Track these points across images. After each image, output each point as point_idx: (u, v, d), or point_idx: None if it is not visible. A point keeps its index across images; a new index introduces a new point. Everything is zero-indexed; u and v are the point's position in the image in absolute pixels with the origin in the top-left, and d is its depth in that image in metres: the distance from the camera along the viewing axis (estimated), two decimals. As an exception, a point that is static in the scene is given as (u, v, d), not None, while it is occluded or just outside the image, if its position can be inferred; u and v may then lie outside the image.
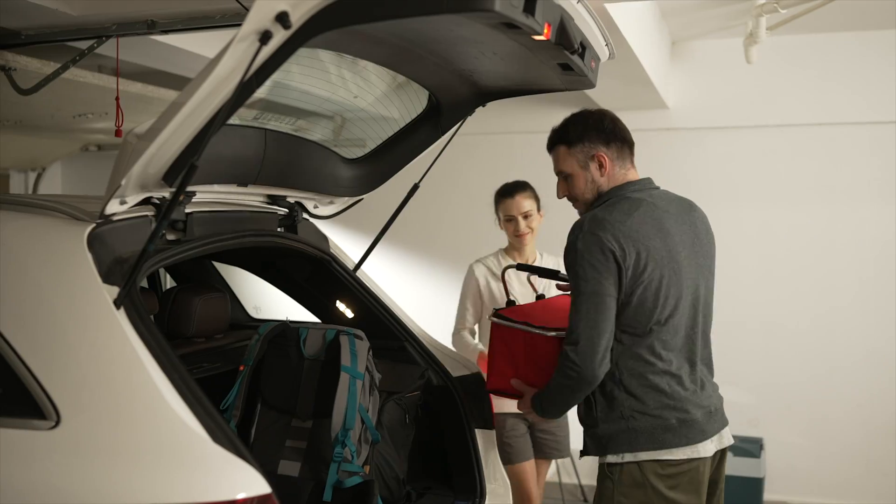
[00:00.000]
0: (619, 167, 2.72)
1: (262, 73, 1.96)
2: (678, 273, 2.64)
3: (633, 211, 2.60)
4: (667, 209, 2.74)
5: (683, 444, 2.54)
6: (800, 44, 5.42)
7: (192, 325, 3.22)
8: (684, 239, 2.73)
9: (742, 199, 5.68)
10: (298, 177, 2.93)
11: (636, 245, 2.52)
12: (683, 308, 2.66)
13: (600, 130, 2.71)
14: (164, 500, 1.83)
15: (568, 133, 2.73)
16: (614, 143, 2.72)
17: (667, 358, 2.60)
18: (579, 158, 2.71)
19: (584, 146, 2.70)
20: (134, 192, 2.20)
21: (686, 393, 2.62)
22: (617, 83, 4.74)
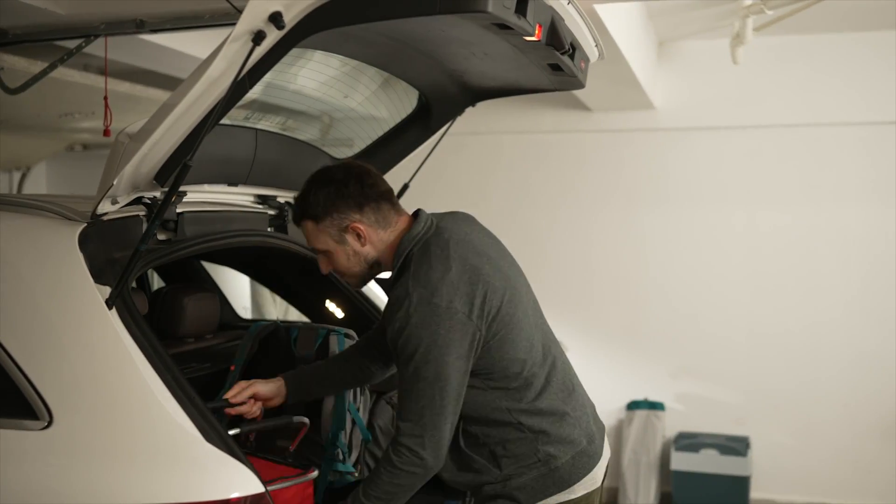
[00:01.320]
0: (381, 229, 2.31)
1: (254, 74, 1.97)
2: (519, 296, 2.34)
3: (449, 254, 2.23)
4: (469, 233, 2.37)
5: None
6: (786, 45, 5.46)
7: (181, 326, 3.20)
8: (500, 255, 2.41)
9: (728, 200, 5.71)
10: (289, 177, 2.93)
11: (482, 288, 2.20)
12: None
13: (347, 197, 2.28)
14: (158, 499, 1.84)
15: (310, 206, 2.31)
16: (368, 205, 2.29)
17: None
18: (332, 233, 2.30)
19: (334, 219, 2.28)
20: (126, 191, 2.19)
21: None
22: (604, 83, 4.77)
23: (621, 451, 5.70)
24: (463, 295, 2.16)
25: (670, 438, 5.68)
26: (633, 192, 5.88)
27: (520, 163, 6.16)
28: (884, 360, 5.42)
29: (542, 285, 6.12)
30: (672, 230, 5.81)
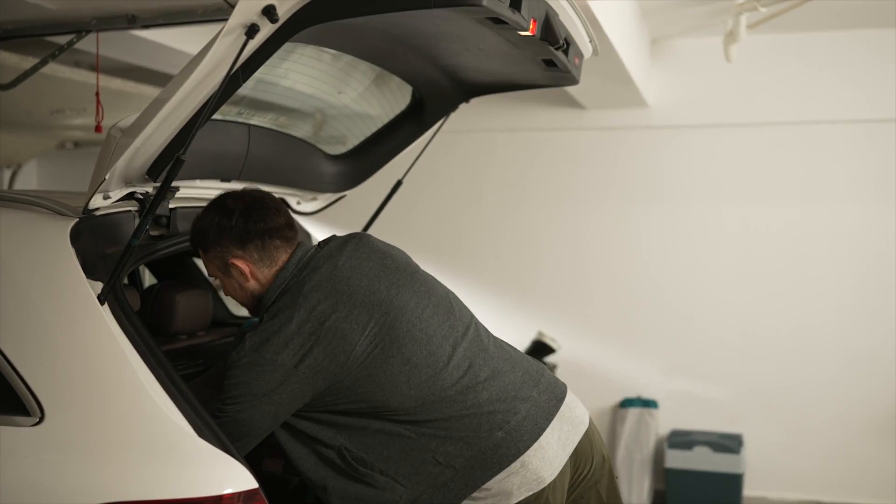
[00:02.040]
0: (265, 267, 2.24)
1: (248, 67, 1.96)
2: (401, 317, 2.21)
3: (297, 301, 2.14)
4: (343, 265, 2.23)
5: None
6: (779, 43, 5.46)
7: (173, 323, 3.18)
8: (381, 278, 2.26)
9: (722, 198, 5.71)
10: (282, 173, 2.92)
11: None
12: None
13: (229, 230, 2.21)
14: (151, 496, 1.83)
15: (198, 234, 2.28)
16: (251, 242, 2.22)
17: None
18: (217, 265, 2.26)
19: (217, 251, 2.24)
20: (118, 186, 2.18)
21: None
22: (598, 81, 4.76)
23: (615, 449, 5.70)
24: (296, 346, 2.08)
25: (664, 436, 5.68)
26: (626, 190, 5.88)
27: (513, 161, 6.15)
28: (877, 358, 5.44)
29: (535, 283, 6.15)
30: (666, 228, 5.81)
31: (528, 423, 2.20)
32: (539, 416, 2.23)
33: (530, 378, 2.31)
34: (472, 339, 2.29)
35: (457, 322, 2.30)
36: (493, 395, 2.20)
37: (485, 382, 2.21)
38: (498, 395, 2.21)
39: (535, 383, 2.30)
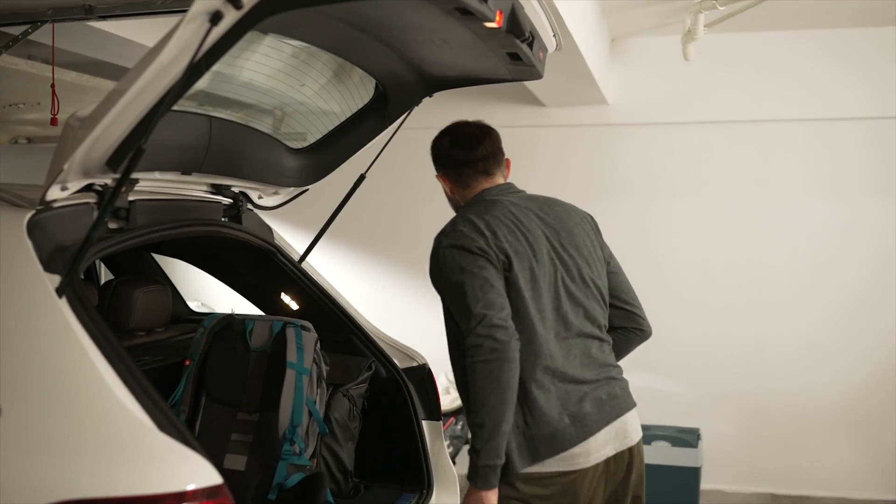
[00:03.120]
0: (461, 187, 2.74)
1: (211, 56, 1.92)
2: (541, 264, 2.52)
3: (488, 212, 2.56)
4: (526, 206, 2.68)
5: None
6: (736, 42, 5.53)
7: (132, 318, 3.14)
8: (546, 231, 2.62)
9: (679, 195, 5.77)
10: (243, 166, 2.88)
11: (498, 244, 2.45)
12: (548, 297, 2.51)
13: (437, 153, 2.77)
14: (110, 492, 1.78)
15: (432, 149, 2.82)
16: (449, 166, 2.73)
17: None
18: (437, 176, 2.80)
19: (435, 166, 2.79)
20: (76, 177, 2.13)
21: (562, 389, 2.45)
22: (560, 78, 4.78)
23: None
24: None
25: (623, 432, 5.71)
26: (585, 187, 5.91)
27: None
28: (829, 352, 5.53)
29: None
30: (624, 225, 5.84)
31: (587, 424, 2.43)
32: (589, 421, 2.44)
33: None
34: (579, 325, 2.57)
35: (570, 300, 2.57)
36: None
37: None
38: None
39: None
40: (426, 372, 3.22)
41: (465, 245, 2.43)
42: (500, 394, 2.26)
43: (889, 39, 5.37)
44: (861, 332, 5.49)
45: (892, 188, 5.43)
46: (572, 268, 2.58)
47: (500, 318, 2.31)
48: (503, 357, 2.27)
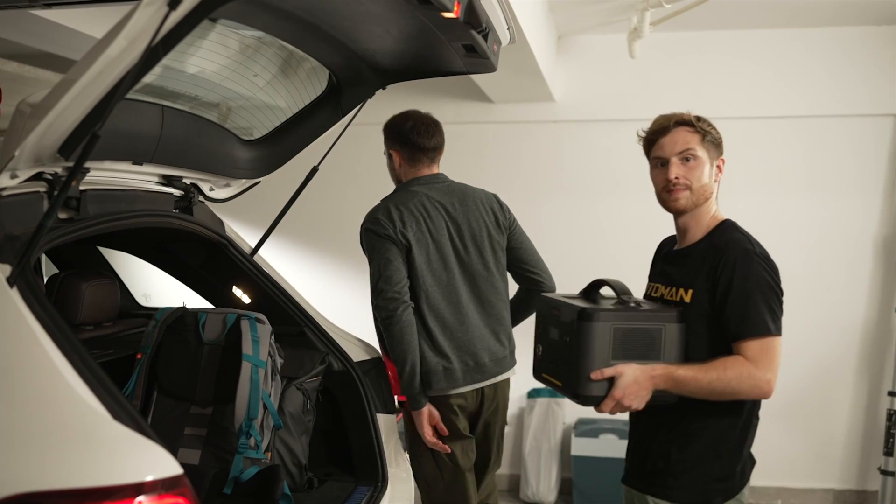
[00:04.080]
0: (409, 167, 3.35)
1: (168, 41, 1.89)
2: (440, 249, 3.21)
3: (404, 204, 3.22)
4: (439, 200, 3.27)
5: None
6: (681, 40, 5.62)
7: (79, 313, 3.08)
8: (449, 223, 3.26)
9: (625, 191, 5.83)
10: (195, 156, 2.84)
11: (403, 232, 3.14)
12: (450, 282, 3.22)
13: (396, 133, 3.34)
14: (66, 484, 1.74)
15: None
16: (406, 147, 3.32)
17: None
18: (388, 151, 3.37)
19: (389, 143, 3.37)
20: (27, 165, 2.08)
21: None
22: (508, 74, 4.79)
23: (522, 440, 5.76)
24: None
25: (570, 425, 5.77)
26: (531, 183, 5.95)
27: (421, 154, 6.14)
28: (771, 345, 5.64)
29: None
30: (570, 220, 5.90)
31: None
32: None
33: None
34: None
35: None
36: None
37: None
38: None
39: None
40: (380, 365, 3.22)
41: (377, 231, 3.17)
42: (400, 345, 3.05)
43: (825, 40, 5.50)
44: (800, 324, 5.61)
45: (829, 185, 5.58)
46: (467, 253, 3.27)
47: (394, 291, 3.07)
48: (394, 320, 3.04)
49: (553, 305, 2.50)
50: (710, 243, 2.47)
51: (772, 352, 2.33)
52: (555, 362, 2.44)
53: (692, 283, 2.42)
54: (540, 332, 2.58)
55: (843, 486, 5.61)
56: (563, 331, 2.39)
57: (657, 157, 2.56)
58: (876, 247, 5.54)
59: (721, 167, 2.56)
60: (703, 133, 2.50)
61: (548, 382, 2.51)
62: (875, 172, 5.52)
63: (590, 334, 2.28)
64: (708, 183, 2.50)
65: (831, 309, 5.59)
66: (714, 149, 2.52)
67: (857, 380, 5.59)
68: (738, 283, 2.34)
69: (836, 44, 5.50)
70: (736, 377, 2.29)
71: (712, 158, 2.52)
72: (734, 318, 2.31)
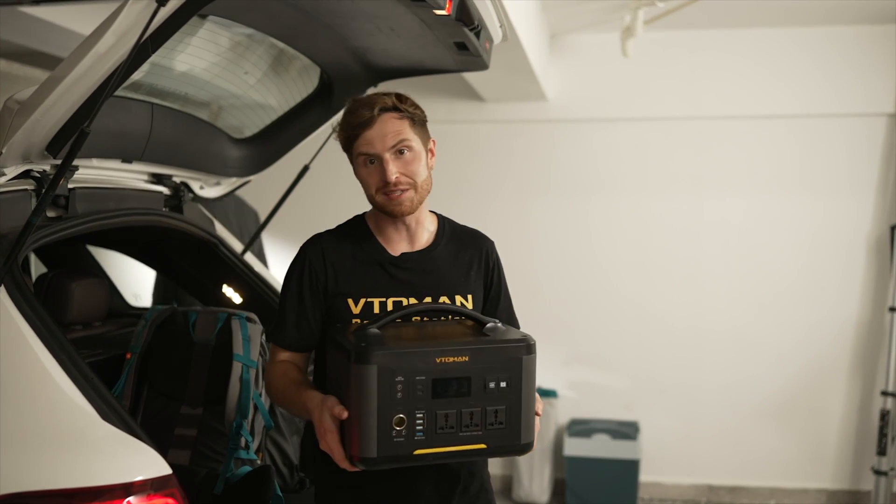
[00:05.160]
0: None
1: (158, 37, 1.88)
2: None
3: None
4: None
5: None
6: (674, 39, 5.61)
7: (69, 312, 3.05)
8: None
9: (617, 191, 5.83)
10: (186, 155, 2.83)
11: None
12: None
13: None
14: (55, 485, 1.72)
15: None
16: None
17: None
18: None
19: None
20: (14, 162, 2.07)
21: None
22: (500, 72, 4.78)
23: (515, 439, 5.73)
24: None
25: (563, 425, 5.76)
26: (524, 183, 5.94)
27: (413, 153, 6.13)
28: (763, 346, 5.64)
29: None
30: (562, 220, 5.89)
31: None
32: None
33: None
34: None
35: None
36: None
37: None
38: None
39: None
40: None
41: None
42: None
43: (818, 39, 5.51)
44: (793, 325, 5.62)
45: (822, 184, 5.58)
46: None
47: None
48: None
49: (441, 353, 1.85)
50: (455, 239, 2.21)
51: None
52: (466, 425, 1.86)
53: (468, 287, 2.14)
54: (401, 399, 1.81)
55: (836, 486, 5.61)
56: (487, 378, 1.87)
57: (364, 154, 2.05)
58: (869, 246, 5.55)
59: (434, 150, 2.15)
60: (411, 116, 2.07)
61: (438, 457, 1.86)
62: (868, 172, 5.52)
63: (534, 367, 1.91)
64: (427, 175, 2.10)
65: (824, 308, 5.58)
66: (423, 132, 2.10)
67: (850, 380, 5.59)
68: (502, 279, 2.25)
69: (829, 43, 5.50)
70: None
71: (425, 144, 2.10)
72: (505, 317, 2.19)
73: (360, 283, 2.08)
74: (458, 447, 1.87)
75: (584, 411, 5.84)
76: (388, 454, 1.82)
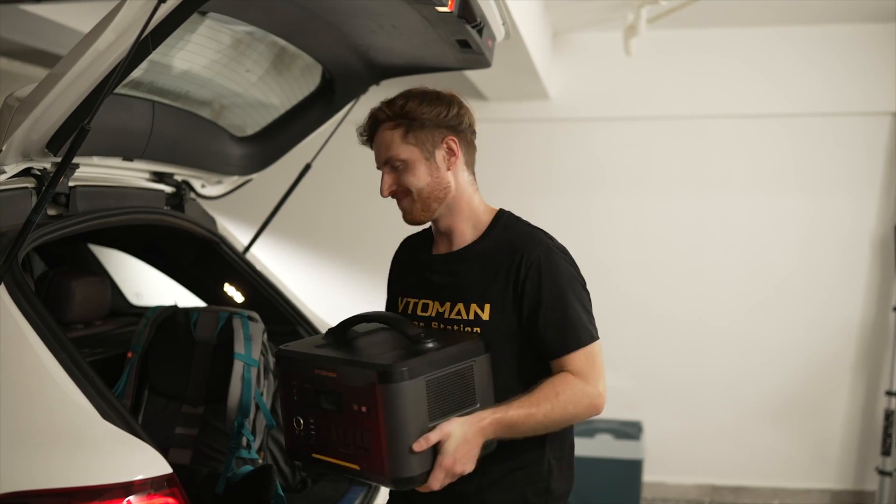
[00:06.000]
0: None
1: (158, 34, 1.86)
2: None
3: None
4: None
5: None
6: (677, 38, 5.59)
7: (69, 311, 3.05)
8: None
9: (619, 189, 5.81)
10: (186, 153, 2.82)
11: None
12: None
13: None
14: (55, 484, 1.71)
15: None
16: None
17: None
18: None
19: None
20: (14, 160, 2.06)
21: None
22: (503, 71, 4.77)
23: (518, 439, 5.73)
24: None
25: (566, 425, 5.74)
26: (526, 182, 5.93)
27: (416, 152, 6.12)
28: (766, 346, 5.62)
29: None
30: (564, 219, 5.88)
31: None
32: None
33: None
34: None
35: None
36: None
37: None
38: None
39: None
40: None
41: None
42: None
43: (819, 38, 5.49)
44: (796, 324, 5.60)
45: (826, 183, 5.56)
46: None
47: None
48: None
49: (317, 364, 1.86)
50: (495, 242, 2.05)
51: (597, 358, 2.01)
52: (341, 441, 1.83)
53: (485, 296, 1.98)
54: (297, 401, 1.91)
55: (840, 486, 5.59)
56: (350, 399, 1.80)
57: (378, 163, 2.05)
58: (873, 245, 5.53)
59: (453, 146, 2.02)
60: (408, 122, 1.99)
61: (329, 466, 1.90)
62: (871, 170, 5.51)
63: (401, 398, 1.74)
64: (432, 179, 2.01)
65: (828, 308, 5.57)
66: (426, 133, 1.99)
67: (854, 379, 5.58)
68: (549, 288, 1.97)
69: (834, 41, 5.48)
70: (571, 400, 1.93)
71: (429, 147, 2.00)
72: (552, 332, 1.96)
73: (404, 282, 2.17)
74: (339, 461, 1.86)
75: (586, 411, 5.81)
76: (295, 449, 1.97)
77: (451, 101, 2.06)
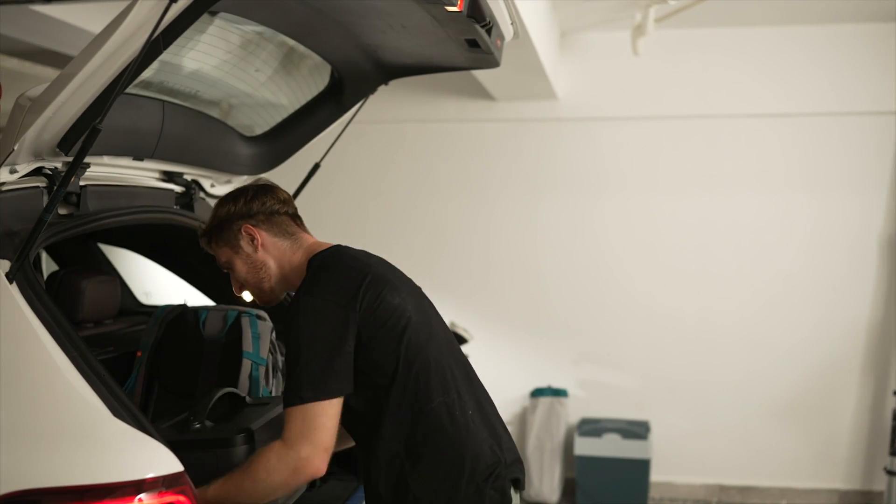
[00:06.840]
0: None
1: (170, 33, 1.87)
2: None
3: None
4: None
5: None
6: (684, 37, 5.59)
7: (80, 310, 3.05)
8: None
9: (627, 189, 5.82)
10: (197, 153, 2.82)
11: None
12: None
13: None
14: (66, 482, 1.72)
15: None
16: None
17: None
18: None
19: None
20: (26, 159, 2.07)
21: None
22: (511, 71, 4.78)
23: (525, 439, 5.74)
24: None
25: (574, 424, 5.75)
26: (534, 182, 5.94)
27: (422, 151, 6.14)
28: (774, 346, 5.62)
29: (443, 274, 6.14)
30: (572, 219, 5.88)
31: None
32: None
33: None
34: None
35: None
36: None
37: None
38: None
39: None
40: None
41: None
42: None
43: (826, 37, 5.48)
44: (804, 324, 5.60)
45: (834, 182, 5.55)
46: None
47: None
48: None
49: None
50: None
51: (310, 421, 1.93)
52: None
53: None
54: None
55: (848, 486, 5.59)
56: None
57: None
58: (881, 245, 5.52)
59: (251, 232, 2.20)
60: (210, 231, 2.25)
61: None
62: (879, 170, 5.50)
63: None
64: (249, 266, 2.21)
65: (836, 308, 5.56)
66: (226, 235, 2.22)
67: (862, 379, 5.57)
68: (289, 337, 2.02)
69: (843, 40, 5.48)
70: (264, 470, 1.93)
71: (234, 242, 2.21)
72: (286, 383, 2.02)
73: None
74: None
75: (594, 410, 5.83)
76: None
77: (242, 192, 2.26)
